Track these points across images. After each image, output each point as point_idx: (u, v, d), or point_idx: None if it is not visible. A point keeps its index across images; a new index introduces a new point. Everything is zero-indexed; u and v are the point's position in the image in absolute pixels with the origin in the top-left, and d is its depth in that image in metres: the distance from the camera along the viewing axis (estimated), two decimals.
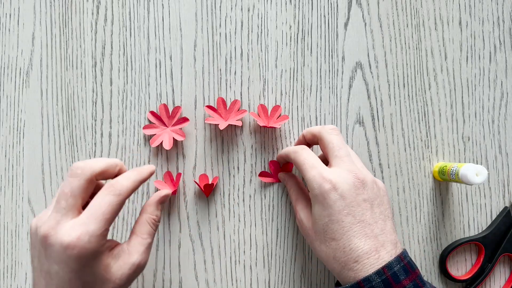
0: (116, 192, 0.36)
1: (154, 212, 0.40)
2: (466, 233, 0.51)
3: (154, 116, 0.49)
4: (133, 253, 0.37)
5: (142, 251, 0.38)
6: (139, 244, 0.38)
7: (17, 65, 0.49)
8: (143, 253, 0.38)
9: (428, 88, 0.51)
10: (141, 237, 0.38)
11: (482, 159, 0.51)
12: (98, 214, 0.34)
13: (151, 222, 0.40)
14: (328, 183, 0.38)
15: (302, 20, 0.50)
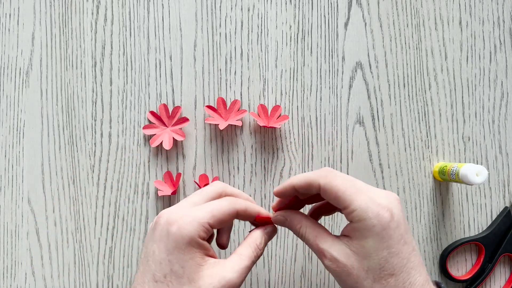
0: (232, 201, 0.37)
1: (259, 239, 0.38)
2: (466, 233, 0.51)
3: (154, 116, 0.49)
4: (228, 268, 0.34)
5: (236, 270, 0.34)
6: (236, 262, 0.35)
7: (17, 65, 0.49)
8: (237, 272, 0.34)
9: (428, 88, 0.51)
10: (239, 257, 0.36)
11: (482, 159, 0.51)
12: (208, 207, 0.35)
13: (253, 247, 0.37)
14: (386, 210, 0.33)
15: (302, 20, 0.50)
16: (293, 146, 0.50)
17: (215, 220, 0.34)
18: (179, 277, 0.33)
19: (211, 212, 0.34)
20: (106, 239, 0.48)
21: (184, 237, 0.33)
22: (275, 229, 0.39)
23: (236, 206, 0.36)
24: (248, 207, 0.37)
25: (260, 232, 0.38)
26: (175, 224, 0.33)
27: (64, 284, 0.48)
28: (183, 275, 0.33)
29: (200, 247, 0.34)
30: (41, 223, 0.48)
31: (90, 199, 0.49)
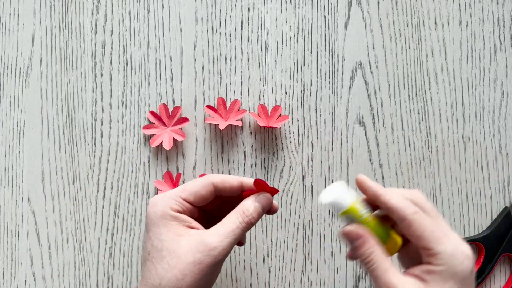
0: (207, 177, 0.36)
1: (247, 205, 0.35)
2: (466, 233, 0.51)
3: (154, 116, 0.49)
4: (207, 233, 0.34)
5: (215, 233, 0.33)
6: (217, 227, 0.34)
7: (17, 65, 0.49)
8: (217, 235, 0.33)
9: (428, 88, 0.51)
10: (222, 223, 0.35)
11: (482, 159, 0.51)
12: (182, 185, 0.36)
13: (239, 213, 0.35)
14: (470, 261, 0.32)
15: (302, 20, 0.50)
16: (293, 146, 0.50)
17: (188, 193, 0.35)
18: (159, 251, 0.34)
19: (183, 187, 0.36)
20: (106, 239, 0.48)
21: (157, 212, 0.35)
22: (269, 198, 0.36)
23: (210, 178, 0.36)
24: (226, 178, 0.36)
25: (251, 199, 0.36)
26: (150, 203, 0.36)
27: (64, 284, 0.48)
28: (162, 247, 0.33)
29: (176, 219, 0.34)
30: (41, 223, 0.48)
31: (90, 199, 0.49)
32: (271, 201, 0.37)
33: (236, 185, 0.36)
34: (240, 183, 0.36)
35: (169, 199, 0.35)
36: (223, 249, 0.33)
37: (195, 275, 0.32)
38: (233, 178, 0.36)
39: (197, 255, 0.33)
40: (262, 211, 0.36)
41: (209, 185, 0.36)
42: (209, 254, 0.33)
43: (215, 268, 0.34)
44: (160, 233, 0.34)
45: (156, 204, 0.35)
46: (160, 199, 0.35)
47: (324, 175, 0.50)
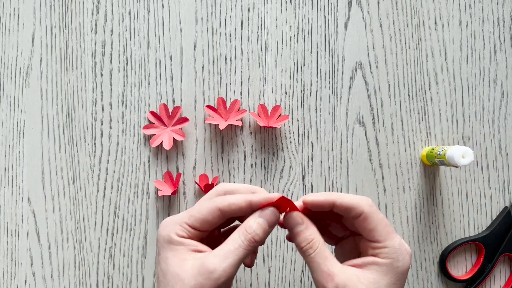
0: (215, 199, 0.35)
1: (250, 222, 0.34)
2: (466, 233, 0.51)
3: (154, 116, 0.49)
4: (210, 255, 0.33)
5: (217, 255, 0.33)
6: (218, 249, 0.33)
7: (17, 65, 0.49)
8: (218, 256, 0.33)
9: (428, 88, 0.51)
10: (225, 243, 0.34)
11: (482, 159, 0.51)
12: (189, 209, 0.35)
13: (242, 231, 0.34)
14: (410, 258, 0.34)
15: (302, 20, 0.50)
16: (293, 146, 0.50)
17: (194, 219, 0.34)
18: (165, 274, 0.34)
19: (189, 213, 0.35)
20: (106, 239, 0.48)
21: (164, 237, 0.34)
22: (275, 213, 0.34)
23: (217, 203, 0.34)
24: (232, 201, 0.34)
25: (254, 215, 0.34)
26: (161, 227, 0.35)
27: (64, 284, 0.48)
28: (167, 271, 0.33)
29: (182, 244, 0.34)
30: (41, 223, 0.48)
31: (90, 199, 0.49)
32: (278, 217, 0.34)
33: (245, 206, 0.34)
34: (249, 203, 0.34)
35: (175, 224, 0.34)
36: (224, 270, 0.32)
37: None
38: (240, 199, 0.34)
39: (198, 279, 0.32)
40: (268, 228, 0.34)
41: (215, 212, 0.34)
42: (209, 277, 0.32)
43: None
44: (167, 257, 0.34)
45: (164, 229, 0.35)
46: (168, 223, 0.35)
47: (324, 175, 0.50)
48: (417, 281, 0.50)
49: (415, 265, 0.50)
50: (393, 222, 0.50)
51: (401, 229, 0.50)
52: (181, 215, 0.35)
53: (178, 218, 0.35)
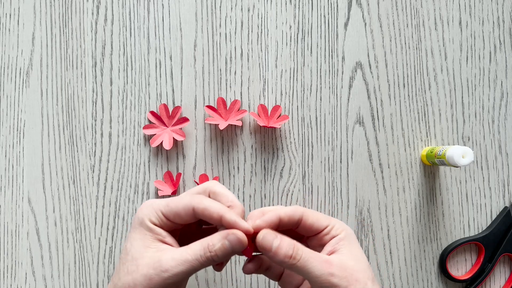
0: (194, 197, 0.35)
1: (215, 240, 0.34)
2: (466, 233, 0.51)
3: (154, 116, 0.49)
4: (168, 255, 0.34)
5: (175, 259, 0.33)
6: (179, 252, 0.34)
7: (17, 65, 0.49)
8: (175, 260, 0.33)
9: (428, 88, 0.51)
10: (185, 249, 0.34)
11: (482, 159, 0.51)
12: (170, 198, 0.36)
13: (205, 245, 0.34)
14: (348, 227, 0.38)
15: (302, 20, 0.50)
16: (293, 146, 0.50)
17: (169, 210, 0.35)
18: (127, 254, 0.35)
19: (167, 202, 0.35)
20: (106, 239, 0.49)
21: (138, 218, 0.35)
22: (241, 240, 0.34)
23: (193, 203, 0.34)
24: (208, 207, 0.34)
25: (221, 234, 0.34)
26: (141, 206, 0.36)
27: (64, 284, 0.48)
28: (129, 252, 0.35)
29: (150, 231, 0.35)
30: (41, 223, 0.48)
31: (90, 199, 0.49)
32: (244, 245, 0.34)
33: (216, 218, 0.34)
34: (220, 217, 0.34)
35: (152, 209, 0.35)
36: (175, 274, 0.33)
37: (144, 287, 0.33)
38: (214, 210, 0.34)
39: (150, 271, 0.33)
40: (231, 252, 0.34)
41: (190, 209, 0.34)
42: (159, 275, 0.33)
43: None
44: (134, 239, 0.35)
45: (141, 210, 0.36)
46: (146, 206, 0.36)
47: (324, 175, 0.50)
48: (417, 281, 0.50)
49: (415, 265, 0.50)
50: (393, 222, 0.50)
51: (401, 229, 0.50)
52: (161, 202, 0.36)
53: (157, 204, 0.36)
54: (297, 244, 0.34)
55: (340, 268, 0.33)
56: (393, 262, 0.50)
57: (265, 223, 0.35)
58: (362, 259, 0.36)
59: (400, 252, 0.50)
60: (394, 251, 0.50)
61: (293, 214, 0.35)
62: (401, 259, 0.50)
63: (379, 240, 0.50)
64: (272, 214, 0.35)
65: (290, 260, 0.33)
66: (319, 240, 0.37)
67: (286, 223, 0.35)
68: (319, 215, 0.37)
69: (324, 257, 0.34)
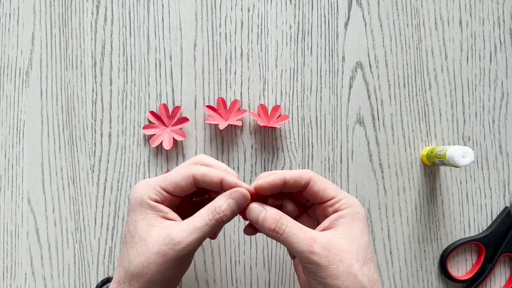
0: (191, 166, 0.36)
1: (220, 202, 0.35)
2: (467, 233, 0.51)
3: (154, 116, 0.49)
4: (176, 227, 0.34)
5: (184, 229, 0.33)
6: (186, 222, 0.34)
7: (17, 65, 0.49)
8: (184, 231, 0.33)
9: (428, 88, 0.51)
10: (192, 218, 0.34)
11: (482, 159, 0.51)
12: (165, 174, 0.36)
13: (211, 209, 0.35)
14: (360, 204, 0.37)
15: (302, 20, 0.50)
16: (293, 146, 0.50)
17: (168, 183, 0.35)
18: (132, 236, 0.35)
19: (164, 176, 0.36)
20: (106, 239, 0.48)
21: (136, 199, 0.35)
22: (245, 195, 0.35)
23: (192, 171, 0.35)
24: (207, 172, 0.35)
25: (225, 195, 0.35)
26: (134, 189, 0.36)
27: (64, 284, 0.48)
28: (135, 234, 0.34)
29: (152, 209, 0.35)
30: (41, 223, 0.48)
31: (90, 199, 0.49)
32: (248, 199, 0.35)
33: (216, 181, 0.35)
34: (221, 180, 0.35)
35: (149, 187, 0.35)
36: (188, 244, 0.33)
37: (159, 265, 0.33)
38: (214, 174, 0.35)
39: (162, 247, 0.33)
40: (237, 209, 0.35)
41: (189, 177, 0.35)
42: (173, 248, 0.33)
43: (180, 261, 0.34)
44: (136, 220, 0.35)
45: (137, 191, 0.36)
46: (141, 186, 0.36)
47: (324, 175, 0.50)
48: (417, 281, 0.50)
49: (415, 265, 0.50)
50: (393, 222, 0.50)
51: (401, 229, 0.50)
52: (156, 178, 0.36)
53: (153, 181, 0.36)
54: (283, 218, 0.34)
55: (324, 247, 0.33)
56: (394, 262, 0.50)
57: (267, 184, 0.35)
58: (359, 240, 0.34)
59: (400, 252, 0.50)
60: (394, 251, 0.50)
61: (300, 177, 0.35)
62: (401, 259, 0.50)
63: (379, 240, 0.50)
64: (277, 175, 0.35)
65: (274, 234, 0.34)
66: (323, 210, 0.36)
67: (292, 186, 0.35)
68: (328, 185, 0.36)
69: (311, 233, 0.34)
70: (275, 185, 0.35)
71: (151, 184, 0.35)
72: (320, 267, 0.33)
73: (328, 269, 0.33)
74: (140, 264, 0.33)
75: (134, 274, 0.34)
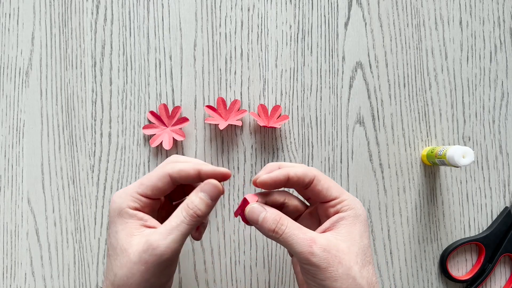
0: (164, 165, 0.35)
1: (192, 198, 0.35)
2: (467, 233, 0.51)
3: (154, 116, 0.49)
4: (153, 231, 0.33)
5: (161, 232, 0.33)
6: (162, 226, 0.34)
7: (16, 65, 0.49)
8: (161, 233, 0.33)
9: (428, 88, 0.51)
10: (168, 220, 0.34)
11: (482, 159, 0.51)
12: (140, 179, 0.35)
13: (184, 207, 0.34)
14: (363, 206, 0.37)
15: (302, 19, 0.50)
16: (293, 146, 0.50)
17: (144, 187, 0.35)
18: (114, 248, 0.34)
19: (140, 181, 0.35)
20: (106, 239, 0.48)
21: (114, 210, 0.35)
22: (215, 185, 0.35)
23: (167, 169, 0.35)
24: (183, 167, 0.35)
25: (196, 190, 0.35)
26: (111, 200, 0.35)
27: (64, 284, 0.48)
28: (116, 246, 0.34)
29: (132, 217, 0.34)
30: (41, 223, 0.48)
31: (90, 199, 0.48)
32: (220, 190, 0.35)
33: (193, 174, 0.35)
34: (197, 171, 0.35)
35: (127, 195, 0.35)
36: (167, 247, 0.33)
37: (143, 274, 0.33)
38: (189, 167, 0.35)
39: (142, 255, 0.33)
40: (211, 202, 0.35)
41: (165, 177, 0.35)
42: (153, 254, 0.33)
43: (163, 266, 0.33)
44: (116, 231, 0.34)
45: (115, 201, 0.35)
46: (119, 196, 0.35)
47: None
48: (417, 281, 0.50)
49: (415, 265, 0.50)
50: (393, 222, 0.50)
51: (401, 229, 0.50)
52: (132, 185, 0.35)
53: (129, 189, 0.35)
54: (283, 219, 0.34)
55: (324, 248, 0.33)
56: (394, 263, 0.50)
57: (270, 180, 0.35)
58: (359, 243, 0.34)
59: (400, 252, 0.50)
60: (394, 251, 0.50)
61: (304, 175, 0.35)
62: (401, 259, 0.50)
63: (379, 240, 0.50)
64: (281, 171, 0.35)
65: (273, 234, 0.34)
66: (325, 210, 0.36)
67: (295, 183, 0.35)
68: (332, 185, 0.36)
69: (310, 234, 0.34)
70: (278, 181, 0.35)
71: (129, 192, 0.35)
72: (319, 269, 0.32)
73: (327, 271, 0.32)
74: (124, 276, 0.33)
75: (120, 286, 0.33)
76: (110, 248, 0.35)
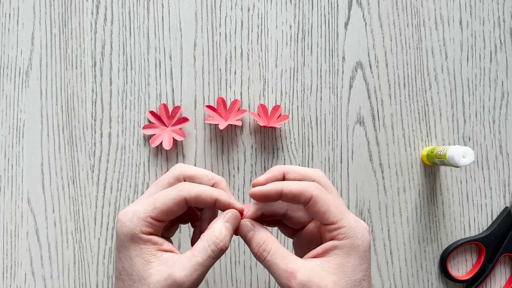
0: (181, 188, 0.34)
1: (218, 229, 0.33)
2: (467, 233, 0.51)
3: (154, 116, 0.49)
4: (177, 265, 0.32)
5: (186, 267, 0.32)
6: (187, 259, 0.32)
7: (16, 65, 0.49)
8: (186, 269, 0.32)
9: (428, 88, 0.51)
10: (192, 253, 0.33)
11: (482, 159, 0.51)
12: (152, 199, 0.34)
13: (210, 239, 0.33)
14: (368, 234, 0.33)
15: (302, 19, 0.50)
16: (293, 146, 0.50)
17: (158, 211, 0.33)
18: (130, 274, 0.33)
19: (153, 204, 0.33)
20: (106, 239, 0.48)
21: (126, 235, 0.33)
22: (238, 217, 0.34)
23: (183, 193, 0.33)
24: (200, 193, 0.33)
25: (220, 221, 0.34)
26: (119, 222, 0.33)
27: (64, 284, 0.48)
28: (132, 272, 0.33)
29: (146, 243, 0.33)
30: (41, 223, 0.48)
31: (90, 199, 0.48)
32: (239, 221, 0.34)
33: (210, 202, 0.34)
34: (214, 200, 0.34)
35: (139, 219, 0.33)
36: (192, 283, 0.32)
37: None
38: (207, 195, 0.34)
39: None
40: (233, 233, 0.34)
41: (181, 202, 0.33)
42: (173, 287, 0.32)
43: None
44: (130, 257, 0.33)
45: (125, 225, 0.33)
46: (129, 219, 0.33)
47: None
48: (417, 281, 0.50)
49: (415, 265, 0.50)
50: (393, 222, 0.50)
51: (401, 229, 0.50)
52: (144, 208, 0.33)
53: (141, 212, 0.33)
54: (266, 244, 0.33)
55: (303, 284, 0.31)
56: (394, 263, 0.50)
57: (261, 194, 0.33)
58: (350, 277, 0.32)
59: (400, 252, 0.50)
60: (394, 252, 0.50)
61: (300, 194, 0.33)
62: (401, 259, 0.50)
63: (379, 241, 0.50)
64: (275, 186, 0.33)
65: (257, 257, 0.33)
66: (323, 232, 0.34)
67: (290, 200, 0.33)
68: (331, 208, 0.33)
69: (292, 266, 0.32)
70: (269, 197, 0.34)
71: (141, 216, 0.33)
72: None
73: None
74: None
75: None
76: (123, 272, 0.33)
